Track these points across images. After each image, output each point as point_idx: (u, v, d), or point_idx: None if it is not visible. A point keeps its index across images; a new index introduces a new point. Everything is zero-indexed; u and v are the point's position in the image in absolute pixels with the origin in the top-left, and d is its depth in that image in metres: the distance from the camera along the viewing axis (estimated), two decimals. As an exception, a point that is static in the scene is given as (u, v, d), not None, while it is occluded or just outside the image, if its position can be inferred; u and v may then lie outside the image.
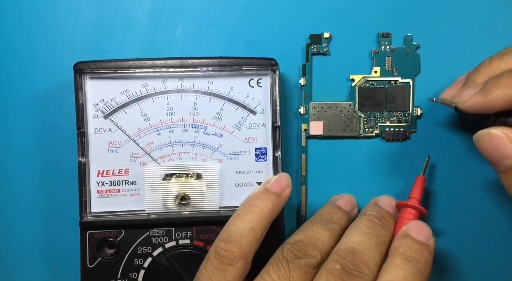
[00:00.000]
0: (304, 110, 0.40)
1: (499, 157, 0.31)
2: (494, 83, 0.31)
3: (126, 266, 0.37)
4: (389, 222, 0.36)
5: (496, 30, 0.40)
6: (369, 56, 0.40)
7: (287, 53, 0.40)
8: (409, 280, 0.31)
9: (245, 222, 0.33)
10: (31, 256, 0.40)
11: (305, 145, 0.40)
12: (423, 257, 0.33)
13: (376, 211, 0.37)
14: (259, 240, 0.34)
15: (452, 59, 0.40)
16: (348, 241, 0.34)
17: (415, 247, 0.33)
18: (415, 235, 0.34)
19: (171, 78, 0.37)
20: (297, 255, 0.33)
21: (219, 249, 0.32)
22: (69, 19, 0.39)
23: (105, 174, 0.37)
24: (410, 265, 0.32)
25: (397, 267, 0.32)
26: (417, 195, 0.37)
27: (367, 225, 0.35)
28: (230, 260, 0.32)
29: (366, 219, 0.35)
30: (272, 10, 0.40)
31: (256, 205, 0.34)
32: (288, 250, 0.33)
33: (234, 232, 0.33)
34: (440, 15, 0.40)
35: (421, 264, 0.32)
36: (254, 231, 0.33)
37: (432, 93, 0.40)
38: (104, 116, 0.37)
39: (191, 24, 0.40)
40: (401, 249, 0.33)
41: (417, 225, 0.35)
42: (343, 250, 0.33)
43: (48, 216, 0.40)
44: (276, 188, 0.35)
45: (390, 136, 0.40)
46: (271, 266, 0.33)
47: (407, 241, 0.33)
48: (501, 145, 0.31)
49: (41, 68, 0.39)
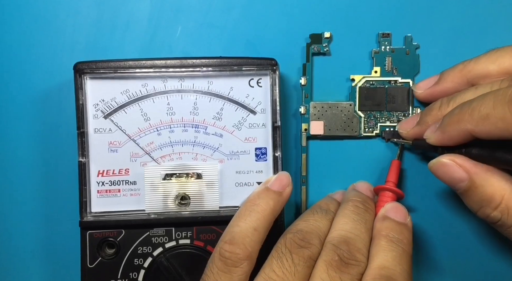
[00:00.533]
0: (305, 110, 0.40)
1: (453, 181, 0.34)
2: (447, 120, 0.33)
3: (126, 266, 0.37)
4: (372, 206, 0.37)
5: (496, 30, 0.40)
6: (369, 56, 0.40)
7: (287, 53, 0.40)
8: (398, 260, 0.33)
9: (247, 222, 0.34)
10: (31, 256, 0.40)
11: (306, 144, 0.40)
12: (405, 236, 0.34)
13: (359, 196, 0.37)
14: (262, 239, 0.34)
15: (452, 60, 0.40)
16: (340, 229, 0.34)
17: (396, 228, 0.35)
18: (393, 216, 0.35)
19: (171, 78, 0.37)
20: (300, 244, 0.33)
21: (224, 251, 0.33)
22: (69, 19, 0.39)
23: (105, 174, 0.37)
24: (396, 246, 0.33)
25: (384, 250, 0.33)
26: (393, 178, 0.38)
27: (355, 211, 0.36)
28: (235, 261, 0.32)
29: (352, 205, 0.36)
30: (272, 10, 0.40)
31: (257, 204, 0.34)
32: (290, 239, 0.33)
33: (237, 233, 0.33)
34: (440, 15, 0.40)
35: (405, 243, 0.34)
36: (257, 231, 0.33)
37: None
38: (104, 116, 0.37)
39: (191, 24, 0.40)
40: (384, 231, 0.34)
41: (394, 206, 0.36)
42: (337, 239, 0.33)
43: (48, 216, 0.40)
44: (277, 187, 0.35)
45: (390, 136, 0.40)
46: (275, 260, 0.33)
47: (388, 223, 0.35)
48: (452, 171, 0.33)
49: (41, 68, 0.39)
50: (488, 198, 0.32)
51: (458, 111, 0.32)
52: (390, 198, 0.37)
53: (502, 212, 0.32)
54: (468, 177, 0.33)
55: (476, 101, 0.31)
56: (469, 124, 0.31)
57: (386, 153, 0.40)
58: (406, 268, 0.33)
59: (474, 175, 0.33)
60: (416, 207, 0.41)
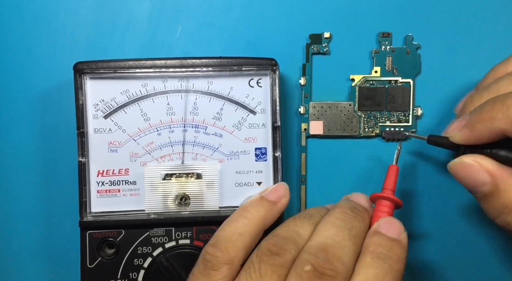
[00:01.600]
0: (304, 110, 0.40)
1: (474, 184, 0.31)
2: (476, 117, 0.31)
3: (126, 266, 0.37)
4: (364, 214, 0.34)
5: (496, 30, 0.40)
6: (369, 56, 0.40)
7: (287, 53, 0.40)
8: (380, 279, 0.30)
9: (233, 227, 0.33)
10: (31, 256, 0.40)
11: (305, 144, 0.40)
12: (395, 253, 0.31)
13: (348, 203, 0.34)
14: (249, 246, 0.33)
15: (453, 59, 0.40)
16: (320, 235, 0.31)
17: (386, 244, 0.31)
18: (385, 231, 0.32)
19: (171, 78, 0.37)
20: (273, 250, 0.31)
21: (206, 253, 0.32)
22: (69, 19, 0.39)
23: (105, 173, 0.37)
24: (381, 263, 0.30)
25: (367, 267, 0.30)
26: (391, 185, 0.35)
27: (340, 217, 0.33)
28: (214, 264, 0.32)
29: (339, 212, 0.33)
30: (272, 10, 0.40)
31: (248, 211, 0.34)
32: (263, 247, 0.31)
33: (222, 237, 0.33)
34: (441, 15, 0.40)
35: (393, 260, 0.31)
36: (243, 236, 0.33)
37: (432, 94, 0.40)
38: (104, 116, 0.37)
39: (191, 24, 0.40)
40: (371, 247, 0.31)
41: (388, 221, 0.33)
42: (314, 247, 0.31)
43: (48, 216, 0.40)
44: (272, 197, 0.35)
45: (390, 136, 0.40)
46: (244, 271, 0.31)
47: (377, 238, 0.32)
48: (475, 173, 0.31)
49: (41, 68, 0.39)
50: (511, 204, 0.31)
51: (490, 107, 0.30)
52: (387, 207, 0.34)
53: None
54: (492, 180, 0.31)
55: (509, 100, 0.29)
56: (503, 124, 0.30)
57: (386, 153, 0.40)
58: None
59: (499, 179, 0.31)
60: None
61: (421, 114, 0.40)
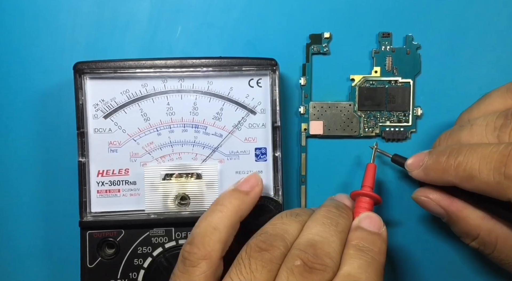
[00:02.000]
0: (304, 110, 0.40)
1: (437, 214, 0.36)
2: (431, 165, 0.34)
3: (126, 266, 0.37)
4: (348, 212, 0.35)
5: (496, 30, 0.40)
6: (369, 56, 0.40)
7: (287, 53, 0.40)
8: (364, 269, 0.31)
9: (207, 222, 0.33)
10: (31, 256, 0.40)
11: (305, 144, 0.40)
12: (376, 246, 0.33)
13: (333, 202, 0.36)
14: (225, 239, 0.33)
15: (453, 59, 0.40)
16: (307, 233, 0.33)
17: (367, 237, 0.33)
18: (366, 226, 0.34)
19: (171, 78, 0.37)
20: (262, 247, 0.31)
21: (184, 251, 0.32)
22: (69, 19, 0.39)
23: (105, 174, 0.37)
24: (364, 254, 0.32)
25: (351, 258, 0.32)
26: (369, 182, 0.36)
27: (325, 215, 0.34)
28: (192, 261, 0.32)
29: (324, 210, 0.35)
30: (272, 10, 0.40)
31: (221, 204, 0.34)
32: (252, 244, 0.32)
33: (197, 234, 0.33)
34: (441, 15, 0.40)
35: (375, 252, 0.32)
36: (218, 230, 0.33)
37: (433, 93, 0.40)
38: (104, 116, 0.37)
39: (191, 24, 0.40)
40: (354, 241, 0.33)
41: (368, 216, 0.35)
42: (303, 243, 0.32)
43: (48, 216, 0.40)
44: (244, 187, 0.35)
45: (390, 136, 0.40)
46: (234, 268, 0.31)
47: (359, 233, 0.34)
48: (430, 207, 0.36)
49: (41, 68, 0.39)
50: (466, 232, 0.35)
51: (443, 159, 0.33)
52: (367, 203, 0.35)
53: (479, 244, 0.35)
54: (446, 214, 0.35)
55: (463, 155, 0.32)
56: (453, 179, 0.32)
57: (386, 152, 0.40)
58: (373, 276, 0.31)
59: (450, 213, 0.35)
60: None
61: (421, 114, 0.40)
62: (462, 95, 0.40)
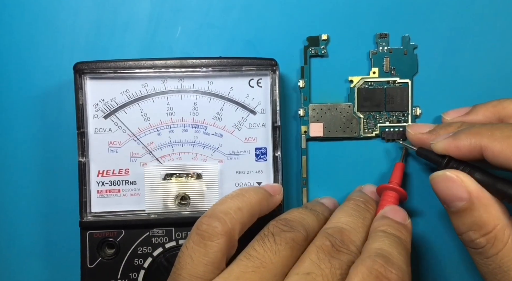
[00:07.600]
0: (304, 112, 0.40)
1: (452, 198, 0.33)
2: (464, 131, 0.34)
3: (126, 266, 0.37)
4: (373, 207, 0.37)
5: (494, 30, 0.40)
6: (367, 57, 0.40)
7: (287, 53, 0.40)
8: (395, 246, 0.32)
9: (233, 201, 0.33)
10: (31, 256, 0.40)
11: (305, 146, 0.40)
12: (403, 234, 0.34)
13: (362, 196, 0.37)
14: (246, 223, 0.33)
15: (450, 59, 0.40)
16: (336, 221, 0.34)
17: (394, 225, 0.34)
18: (392, 216, 0.35)
19: (171, 79, 0.37)
20: (284, 229, 0.32)
21: (201, 223, 0.31)
22: (69, 19, 0.39)
23: (105, 174, 0.37)
24: (393, 236, 0.33)
25: (380, 237, 0.32)
26: (397, 179, 0.38)
27: (354, 208, 0.36)
28: (212, 235, 0.31)
29: (353, 203, 0.36)
30: (272, 11, 0.40)
31: (246, 191, 0.34)
32: (273, 225, 0.32)
33: (220, 210, 0.32)
34: (438, 15, 0.40)
35: (402, 239, 0.33)
36: (241, 211, 0.32)
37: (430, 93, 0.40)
38: (104, 117, 0.37)
39: (191, 24, 0.40)
40: (381, 227, 0.34)
41: (393, 208, 0.36)
42: (332, 229, 0.33)
43: (48, 216, 0.40)
44: (269, 189, 0.36)
45: (390, 136, 0.40)
46: (256, 241, 0.31)
47: (385, 221, 0.35)
48: (454, 187, 0.33)
49: (41, 68, 0.39)
50: (481, 224, 0.32)
51: (478, 127, 0.33)
52: (393, 197, 0.37)
53: (489, 240, 0.32)
54: (469, 197, 0.32)
55: (500, 125, 0.32)
56: (486, 139, 0.32)
57: (386, 153, 0.40)
58: (404, 254, 0.31)
59: (475, 198, 0.32)
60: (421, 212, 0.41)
61: (419, 114, 0.40)
62: (460, 95, 0.40)
